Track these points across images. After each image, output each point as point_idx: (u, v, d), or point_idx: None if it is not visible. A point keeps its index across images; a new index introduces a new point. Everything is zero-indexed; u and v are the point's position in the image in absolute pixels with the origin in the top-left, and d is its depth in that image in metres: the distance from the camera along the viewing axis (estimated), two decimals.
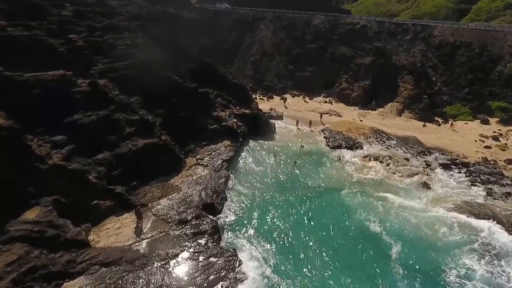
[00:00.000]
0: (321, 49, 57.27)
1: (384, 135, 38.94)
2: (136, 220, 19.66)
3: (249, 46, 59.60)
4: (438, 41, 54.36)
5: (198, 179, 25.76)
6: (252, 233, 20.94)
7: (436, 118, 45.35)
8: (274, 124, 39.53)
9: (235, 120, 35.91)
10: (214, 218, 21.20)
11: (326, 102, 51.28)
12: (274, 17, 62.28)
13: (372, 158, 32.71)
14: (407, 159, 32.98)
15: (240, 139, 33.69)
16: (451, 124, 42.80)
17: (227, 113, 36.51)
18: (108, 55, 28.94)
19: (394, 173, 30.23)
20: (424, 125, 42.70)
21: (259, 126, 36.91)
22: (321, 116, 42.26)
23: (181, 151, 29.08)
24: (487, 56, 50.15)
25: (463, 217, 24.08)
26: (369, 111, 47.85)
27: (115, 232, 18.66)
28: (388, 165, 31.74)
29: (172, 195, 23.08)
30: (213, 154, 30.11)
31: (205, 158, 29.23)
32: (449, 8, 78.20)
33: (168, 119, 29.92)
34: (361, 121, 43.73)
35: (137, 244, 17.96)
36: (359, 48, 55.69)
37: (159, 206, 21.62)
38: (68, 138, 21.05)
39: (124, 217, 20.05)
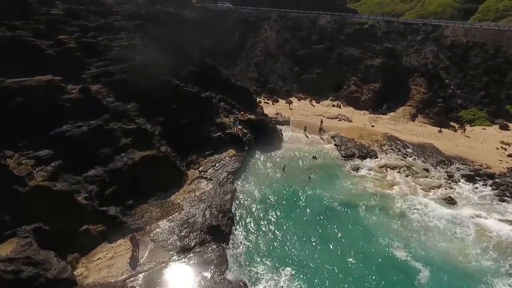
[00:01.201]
0: (328, 50, 54.75)
1: (398, 142, 36.44)
2: (131, 248, 17.14)
3: (252, 47, 57.07)
4: (450, 41, 52.00)
5: (202, 195, 23.25)
6: (264, 262, 18.42)
7: (451, 123, 42.84)
8: (281, 130, 37.04)
9: (240, 127, 33.39)
10: (221, 244, 18.64)
11: (334, 106, 48.75)
12: (278, 17, 59.74)
13: (389, 169, 30.23)
14: (427, 170, 30.47)
15: (246, 148, 31.17)
16: (464, 130, 40.31)
17: (232, 119, 34.00)
18: (102, 58, 26.43)
19: (414, 186, 27.74)
20: (440, 131, 40.20)
21: (265, 133, 34.38)
22: (321, 122, 39.25)
23: (182, 162, 26.59)
24: (502, 57, 47.82)
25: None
26: (380, 115, 45.33)
27: (107, 264, 16.16)
28: (407, 176, 29.26)
29: (173, 216, 20.57)
30: (217, 165, 27.60)
31: (209, 170, 26.73)
32: (455, 8, 76.50)
33: (168, 127, 27.45)
34: (372, 126, 41.24)
35: (132, 279, 15.46)
36: (368, 49, 53.18)
37: (158, 230, 19.10)
38: (55, 152, 18.56)
39: (118, 244, 17.53)
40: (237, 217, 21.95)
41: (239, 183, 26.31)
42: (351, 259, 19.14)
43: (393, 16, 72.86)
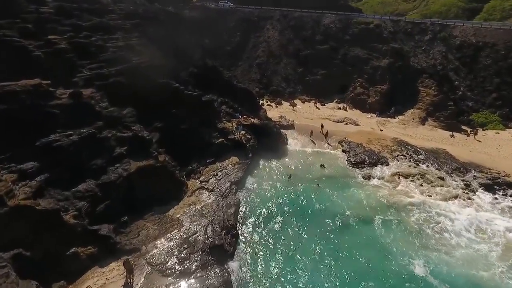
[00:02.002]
0: (333, 50, 52.89)
1: (409, 147, 34.61)
2: (125, 273, 15.33)
3: (254, 47, 55.22)
4: (459, 41, 50.13)
5: (203, 208, 21.44)
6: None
7: (463, 127, 41.02)
8: (285, 135, 35.23)
9: (243, 132, 31.58)
10: (224, 267, 16.81)
11: (339, 108, 46.93)
12: (281, 16, 57.91)
13: (401, 178, 28.42)
14: (442, 178, 28.64)
15: (250, 155, 29.35)
16: (475, 134, 38.53)
17: (234, 124, 32.19)
18: (96, 59, 24.64)
19: (430, 196, 25.96)
20: (452, 136, 38.37)
21: (270, 139, 32.55)
22: (321, 126, 37.29)
23: (182, 172, 24.80)
24: None
25: None
26: (388, 119, 43.52)
27: None
28: (421, 185, 27.45)
29: (172, 233, 18.75)
30: (219, 174, 25.80)
31: (211, 180, 24.92)
32: (459, 7, 75.07)
33: (167, 133, 25.63)
34: (381, 130, 39.43)
35: None
36: (374, 49, 51.36)
37: (155, 251, 17.28)
38: (41, 165, 16.76)
39: (110, 269, 15.72)
40: (242, 235, 20.13)
41: (243, 194, 24.49)
42: (370, 283, 17.32)
43: (396, 15, 71.23)
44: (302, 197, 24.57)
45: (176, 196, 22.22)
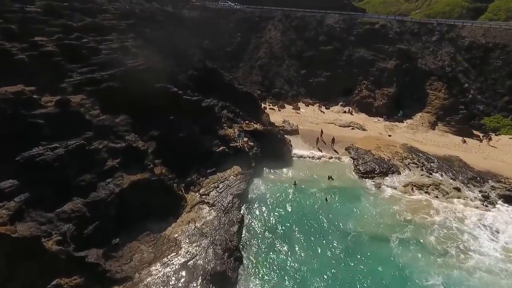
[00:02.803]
0: (337, 52, 51.05)
1: (421, 154, 32.81)
2: None
3: (256, 48, 53.35)
4: (468, 42, 48.32)
5: (203, 226, 19.60)
6: None
7: (474, 132, 39.25)
8: (289, 141, 33.42)
9: (246, 139, 29.74)
10: None
11: (345, 112, 45.12)
12: (283, 16, 56.02)
13: (415, 188, 26.61)
14: (458, 189, 26.86)
15: (253, 164, 27.50)
16: (489, 139, 36.77)
17: (236, 131, 30.34)
18: (87, 63, 22.74)
19: (448, 209, 24.13)
20: (464, 141, 36.59)
21: (273, 146, 30.72)
22: (321, 133, 35.33)
23: (180, 183, 22.99)
24: None
25: None
26: (396, 123, 41.73)
27: None
28: (437, 197, 25.67)
29: (169, 257, 16.91)
30: (220, 186, 23.95)
31: (211, 193, 23.07)
32: (463, 7, 73.74)
33: (164, 142, 23.80)
34: (389, 136, 37.64)
35: None
36: (380, 50, 49.59)
37: (149, 279, 15.43)
38: (22, 183, 14.90)
39: None
40: (246, 257, 18.28)
41: (246, 208, 22.67)
42: None
43: (398, 16, 69.71)
44: (310, 213, 22.68)
45: (174, 212, 20.38)
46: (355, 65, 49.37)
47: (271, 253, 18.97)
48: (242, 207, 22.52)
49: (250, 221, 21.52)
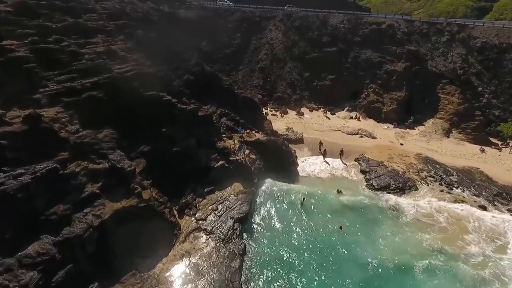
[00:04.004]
0: (342, 53, 48.33)
1: (438, 166, 30.10)
2: None
3: (256, 50, 50.59)
4: (480, 43, 45.69)
5: (200, 261, 16.79)
6: None
7: (492, 140, 36.61)
8: (294, 152, 30.64)
9: (248, 152, 26.93)
10: None
11: (352, 118, 42.40)
12: (284, 16, 53.32)
13: (437, 207, 23.85)
14: (484, 208, 24.17)
15: (255, 180, 24.71)
16: (511, 148, 34.23)
17: (236, 142, 27.52)
18: (66, 69, 19.90)
19: (479, 233, 21.40)
20: (482, 151, 33.93)
21: (278, 159, 27.94)
22: (320, 144, 32.47)
23: (173, 206, 20.17)
24: None
25: None
26: (408, 130, 39.05)
27: None
28: (463, 218, 22.90)
29: None
30: (219, 208, 21.14)
31: (209, 217, 20.26)
32: (467, 6, 71.76)
33: (156, 159, 20.98)
34: (401, 144, 34.94)
35: None
36: (387, 52, 46.92)
37: None
38: None
39: None
40: None
41: (248, 235, 19.82)
42: None
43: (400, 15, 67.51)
44: (322, 239, 19.84)
45: (165, 243, 17.56)
46: (362, 68, 46.73)
47: None
48: (244, 233, 19.68)
49: (254, 251, 18.69)
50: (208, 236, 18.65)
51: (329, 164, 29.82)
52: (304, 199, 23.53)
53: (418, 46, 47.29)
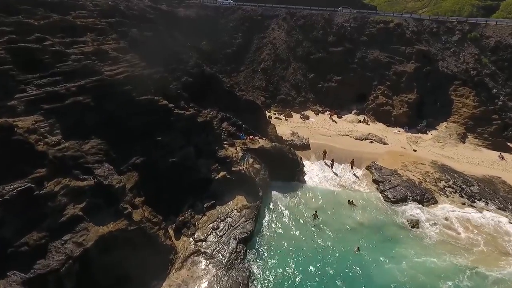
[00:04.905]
0: (348, 53, 45.99)
1: (456, 175, 27.85)
2: None
3: (258, 49, 48.28)
4: (493, 42, 43.47)
5: None
6: None
7: (510, 145, 34.38)
8: (301, 159, 28.43)
9: (251, 161, 24.72)
10: None
11: (360, 121, 40.15)
12: (287, 15, 50.95)
13: (461, 223, 21.62)
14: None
15: (260, 193, 22.45)
16: None
17: (239, 150, 25.32)
18: (48, 72, 17.68)
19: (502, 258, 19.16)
20: (502, 157, 31.70)
21: (284, 168, 25.76)
22: (324, 153, 30.24)
23: (169, 225, 17.98)
24: None
25: None
26: (420, 134, 36.80)
27: None
28: (489, 234, 20.66)
29: None
30: (221, 227, 18.94)
31: (209, 238, 18.06)
32: (473, 5, 69.95)
33: (149, 171, 18.78)
34: (414, 150, 32.69)
35: None
36: (396, 52, 44.63)
37: None
38: None
39: None
40: None
41: (254, 259, 17.57)
42: None
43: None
44: (337, 261, 17.64)
45: (159, 271, 15.35)
46: (369, 68, 44.43)
47: None
48: (249, 256, 17.45)
49: (260, 276, 16.46)
50: (208, 261, 16.44)
51: (337, 175, 27.43)
52: (315, 214, 21.32)
53: (428, 46, 45.06)
